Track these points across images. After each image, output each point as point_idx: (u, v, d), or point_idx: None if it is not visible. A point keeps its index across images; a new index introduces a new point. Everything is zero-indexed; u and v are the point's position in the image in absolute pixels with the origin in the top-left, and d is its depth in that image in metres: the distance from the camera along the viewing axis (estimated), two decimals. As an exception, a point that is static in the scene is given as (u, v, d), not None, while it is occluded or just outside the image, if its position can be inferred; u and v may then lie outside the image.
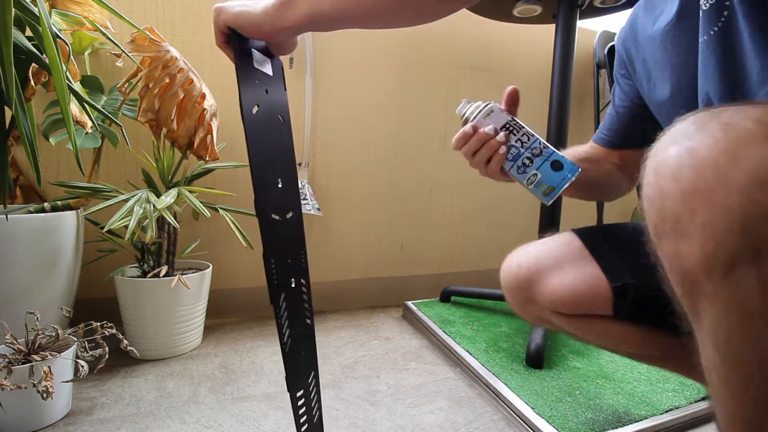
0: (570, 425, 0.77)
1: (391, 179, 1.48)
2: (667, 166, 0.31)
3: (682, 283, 0.31)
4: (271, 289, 0.49)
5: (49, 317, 0.86)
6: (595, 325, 0.64)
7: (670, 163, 0.31)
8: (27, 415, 0.73)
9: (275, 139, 0.54)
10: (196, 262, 1.16)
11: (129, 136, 1.11)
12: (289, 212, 0.55)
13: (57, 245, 0.88)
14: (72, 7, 0.87)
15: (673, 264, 0.31)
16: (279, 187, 0.53)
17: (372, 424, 0.80)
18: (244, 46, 0.51)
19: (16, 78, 0.59)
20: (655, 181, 0.32)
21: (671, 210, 0.30)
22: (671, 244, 0.31)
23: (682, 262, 0.30)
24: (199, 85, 1.00)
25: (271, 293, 0.49)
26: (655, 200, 0.32)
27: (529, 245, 0.71)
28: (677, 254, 0.30)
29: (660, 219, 0.31)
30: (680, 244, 0.30)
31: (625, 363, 1.03)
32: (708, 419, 0.83)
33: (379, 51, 1.40)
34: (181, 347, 1.05)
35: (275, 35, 0.51)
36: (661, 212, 0.31)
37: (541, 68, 1.63)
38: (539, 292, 0.65)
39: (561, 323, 0.66)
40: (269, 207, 0.50)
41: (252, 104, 0.50)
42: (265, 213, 0.49)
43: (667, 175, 0.31)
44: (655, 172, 0.32)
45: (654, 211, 0.32)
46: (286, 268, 0.53)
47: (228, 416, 0.80)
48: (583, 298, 0.61)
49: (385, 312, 1.43)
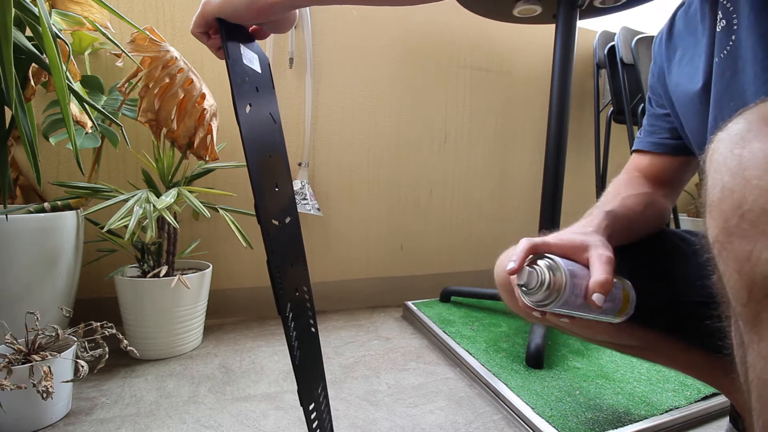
0: (570, 425, 0.77)
1: (391, 179, 1.48)
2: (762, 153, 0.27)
3: (749, 288, 0.27)
4: (279, 300, 0.46)
5: (49, 317, 0.86)
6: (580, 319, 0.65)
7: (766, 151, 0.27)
8: (27, 415, 0.73)
9: (269, 141, 0.52)
10: (196, 262, 1.16)
11: (129, 136, 1.11)
12: (287, 216, 0.53)
13: (57, 245, 0.88)
14: (72, 7, 0.87)
15: (744, 265, 0.27)
16: (276, 191, 0.51)
17: (372, 424, 0.80)
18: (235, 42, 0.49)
19: (16, 78, 0.59)
20: (739, 169, 0.28)
21: (758, 204, 0.27)
22: (747, 243, 0.27)
23: (756, 264, 0.26)
24: (199, 85, 1.00)
25: (279, 305, 0.47)
26: (735, 191, 0.28)
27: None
28: (752, 255, 0.27)
29: (737, 213, 0.28)
30: (760, 244, 0.26)
31: (625, 363, 1.03)
32: (708, 419, 0.83)
33: (379, 51, 1.40)
34: (181, 347, 1.05)
35: (270, 11, 0.47)
36: (741, 206, 0.27)
37: (541, 68, 1.63)
38: None
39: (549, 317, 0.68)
40: (269, 213, 0.48)
41: (245, 103, 0.48)
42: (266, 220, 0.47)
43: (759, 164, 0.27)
44: (739, 159, 0.28)
45: (729, 203, 0.28)
46: (289, 276, 0.51)
47: (228, 416, 0.80)
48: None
49: (385, 312, 1.43)
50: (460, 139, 1.56)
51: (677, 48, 0.60)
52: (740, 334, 0.30)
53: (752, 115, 0.30)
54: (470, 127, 1.57)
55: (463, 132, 1.56)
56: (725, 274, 0.29)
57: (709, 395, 0.87)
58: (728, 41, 0.48)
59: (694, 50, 0.57)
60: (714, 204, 0.30)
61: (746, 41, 0.45)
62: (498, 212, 1.66)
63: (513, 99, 1.62)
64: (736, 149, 0.29)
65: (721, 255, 0.29)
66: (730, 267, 0.28)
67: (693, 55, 0.57)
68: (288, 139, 1.32)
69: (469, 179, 1.59)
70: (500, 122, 1.62)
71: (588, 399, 0.87)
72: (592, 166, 1.74)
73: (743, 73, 0.46)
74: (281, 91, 1.29)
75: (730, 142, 0.30)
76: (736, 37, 0.47)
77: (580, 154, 1.76)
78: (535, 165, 1.69)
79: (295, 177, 1.31)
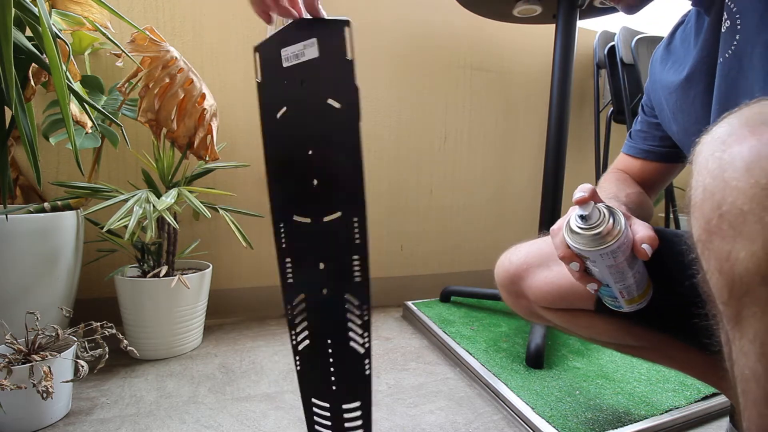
0: (570, 425, 0.77)
1: (392, 179, 1.48)
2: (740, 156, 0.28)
3: (730, 286, 0.28)
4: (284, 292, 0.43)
5: (49, 317, 0.86)
6: (579, 319, 0.66)
7: (744, 154, 0.28)
8: (27, 415, 0.73)
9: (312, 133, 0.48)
10: (196, 262, 1.16)
11: (129, 136, 1.11)
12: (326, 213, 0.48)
13: (57, 245, 0.88)
14: (72, 7, 0.87)
15: (724, 264, 0.28)
16: (315, 184, 0.48)
17: (372, 423, 0.80)
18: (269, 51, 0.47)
19: (16, 78, 0.59)
20: (719, 171, 0.29)
21: (736, 205, 0.27)
22: (726, 243, 0.28)
23: (735, 264, 0.27)
24: (199, 85, 1.00)
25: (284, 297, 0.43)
26: (715, 193, 0.29)
27: (522, 244, 0.73)
28: (731, 254, 0.28)
29: (717, 214, 0.28)
30: (738, 244, 0.27)
31: (625, 363, 1.03)
32: (708, 419, 0.83)
33: (379, 51, 1.40)
34: (181, 347, 1.05)
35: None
36: (720, 207, 0.28)
37: (541, 68, 1.63)
38: (527, 287, 0.68)
39: (549, 317, 0.69)
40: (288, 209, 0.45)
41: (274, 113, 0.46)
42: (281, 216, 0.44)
43: (737, 166, 0.28)
44: (719, 162, 0.29)
45: (710, 205, 0.29)
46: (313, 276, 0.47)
47: (228, 416, 0.80)
48: (564, 294, 0.64)
49: (385, 312, 1.43)
50: (460, 140, 1.56)
51: (669, 60, 0.63)
52: (726, 332, 0.31)
53: (735, 119, 0.31)
54: (470, 127, 1.57)
55: (463, 132, 1.56)
56: (708, 273, 0.30)
57: (709, 395, 0.87)
58: (732, 41, 0.48)
59: (684, 57, 0.59)
60: (696, 205, 0.30)
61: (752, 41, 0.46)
62: (498, 212, 1.66)
63: (513, 99, 1.62)
64: (717, 152, 0.30)
65: (703, 254, 0.30)
66: (711, 266, 0.29)
67: (683, 60, 0.59)
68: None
69: (469, 179, 1.59)
70: (500, 122, 1.62)
71: (588, 399, 0.87)
72: (592, 166, 1.74)
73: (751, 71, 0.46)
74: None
75: (713, 146, 0.30)
76: (741, 37, 0.47)
77: (580, 154, 1.76)
78: (535, 165, 1.69)
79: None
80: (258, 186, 1.30)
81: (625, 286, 0.51)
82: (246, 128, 1.27)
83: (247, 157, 1.26)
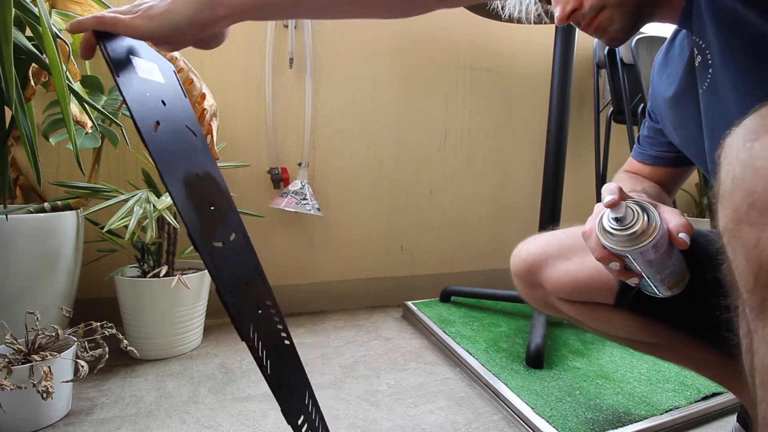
0: (570, 425, 0.77)
1: (391, 179, 1.47)
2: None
3: (756, 273, 0.28)
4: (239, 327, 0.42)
5: (49, 317, 0.86)
6: (596, 312, 0.66)
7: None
8: (27, 415, 0.73)
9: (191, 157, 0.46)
10: (196, 262, 1.16)
11: (129, 136, 1.10)
12: (232, 234, 0.49)
13: (57, 245, 0.88)
14: (72, 7, 0.87)
15: (751, 252, 0.28)
16: (212, 210, 0.47)
17: (372, 424, 0.80)
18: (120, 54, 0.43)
19: (16, 78, 0.59)
20: (750, 161, 0.29)
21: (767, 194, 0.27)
22: (755, 231, 0.28)
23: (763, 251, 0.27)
24: (199, 85, 1.00)
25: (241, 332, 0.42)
26: (745, 182, 0.29)
27: (539, 235, 0.73)
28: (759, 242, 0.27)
29: (747, 203, 0.28)
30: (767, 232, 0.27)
31: (625, 363, 1.03)
32: (708, 419, 0.83)
33: (379, 51, 1.40)
34: (181, 347, 1.05)
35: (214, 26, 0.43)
36: (751, 195, 0.28)
37: (541, 68, 1.63)
38: (545, 277, 0.68)
39: (565, 309, 0.69)
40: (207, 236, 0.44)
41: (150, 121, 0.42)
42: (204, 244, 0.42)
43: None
44: (750, 152, 0.29)
45: (739, 193, 0.29)
46: (247, 296, 0.47)
47: (228, 416, 0.80)
48: (584, 287, 0.64)
49: (385, 312, 1.43)
50: (460, 139, 1.56)
51: (666, 71, 0.63)
52: (747, 323, 0.31)
53: (766, 110, 0.31)
54: (470, 127, 1.57)
55: (463, 132, 1.56)
56: (734, 261, 0.30)
57: (709, 395, 0.87)
58: (706, 75, 0.49)
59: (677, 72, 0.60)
60: (725, 194, 0.30)
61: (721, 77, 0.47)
62: (498, 212, 1.66)
63: (513, 99, 1.62)
64: (748, 142, 0.30)
65: (730, 243, 0.30)
66: (738, 254, 0.29)
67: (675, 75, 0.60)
68: (288, 139, 1.32)
69: (469, 179, 1.59)
70: (500, 122, 1.62)
71: (588, 399, 0.87)
72: (592, 166, 1.74)
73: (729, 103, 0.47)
74: (281, 91, 1.29)
75: (743, 136, 0.31)
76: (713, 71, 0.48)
77: (580, 154, 1.76)
78: (535, 165, 1.68)
79: (295, 177, 1.31)
80: (258, 186, 1.30)
81: (666, 275, 0.50)
82: (246, 128, 1.27)
83: (247, 157, 1.26)
